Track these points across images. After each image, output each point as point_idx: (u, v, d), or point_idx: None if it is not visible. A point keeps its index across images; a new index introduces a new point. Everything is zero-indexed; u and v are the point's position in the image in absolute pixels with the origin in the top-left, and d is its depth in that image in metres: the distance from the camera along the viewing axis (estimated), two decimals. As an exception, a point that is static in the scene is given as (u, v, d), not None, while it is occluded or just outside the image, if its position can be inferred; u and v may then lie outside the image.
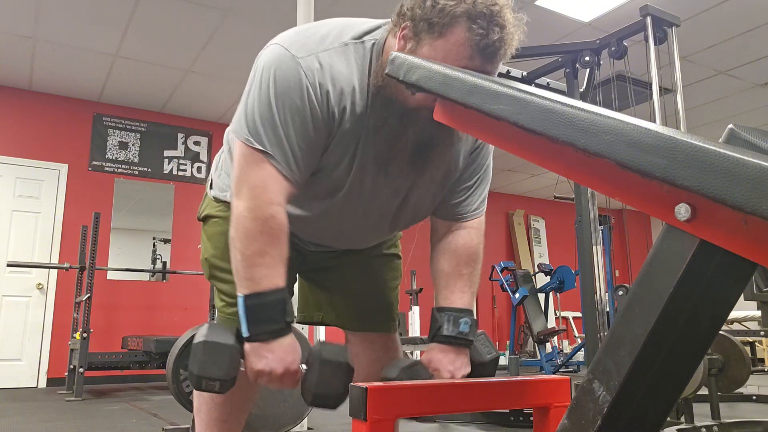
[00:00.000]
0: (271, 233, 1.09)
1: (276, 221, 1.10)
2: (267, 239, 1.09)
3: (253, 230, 1.08)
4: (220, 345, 1.05)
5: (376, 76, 1.13)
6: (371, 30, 1.17)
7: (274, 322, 1.08)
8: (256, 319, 1.07)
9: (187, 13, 4.45)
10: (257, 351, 1.07)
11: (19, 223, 5.59)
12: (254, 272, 1.08)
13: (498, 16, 1.06)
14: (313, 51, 1.11)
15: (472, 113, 0.84)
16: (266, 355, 1.07)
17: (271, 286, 1.08)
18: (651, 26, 3.19)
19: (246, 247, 1.09)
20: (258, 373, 1.08)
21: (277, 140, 1.09)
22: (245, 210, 1.09)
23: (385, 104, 1.13)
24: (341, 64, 1.12)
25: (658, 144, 0.59)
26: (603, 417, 0.68)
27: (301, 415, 2.50)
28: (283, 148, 1.09)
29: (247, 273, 1.09)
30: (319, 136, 1.13)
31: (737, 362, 2.97)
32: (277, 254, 1.10)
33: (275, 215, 1.09)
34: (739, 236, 0.56)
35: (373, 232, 1.38)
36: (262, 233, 1.08)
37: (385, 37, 1.16)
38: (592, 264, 3.30)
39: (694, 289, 0.64)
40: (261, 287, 1.08)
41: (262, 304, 1.08)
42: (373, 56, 1.15)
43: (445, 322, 1.22)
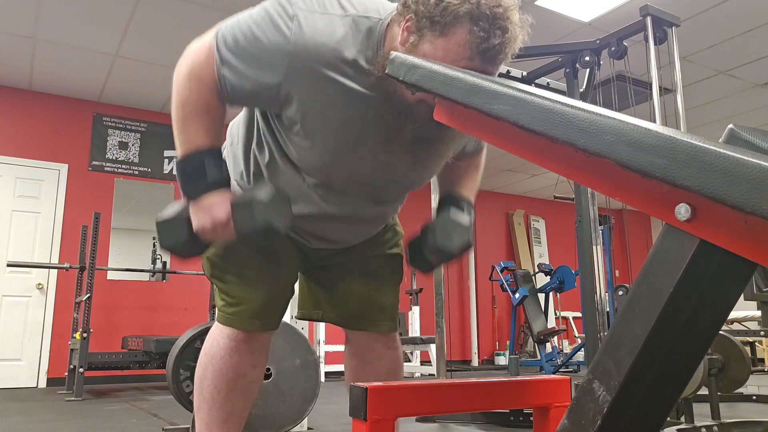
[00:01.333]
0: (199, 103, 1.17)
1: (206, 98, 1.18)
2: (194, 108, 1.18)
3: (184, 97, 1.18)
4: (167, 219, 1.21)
5: (377, 67, 1.12)
6: (377, 9, 1.17)
7: (196, 180, 1.18)
8: (184, 180, 1.20)
9: (187, 13, 4.45)
10: (192, 210, 1.19)
11: (19, 223, 5.59)
12: (181, 138, 1.19)
13: (501, 18, 1.05)
14: (312, 9, 1.12)
15: (472, 113, 0.84)
16: (198, 213, 1.18)
17: (193, 148, 1.18)
18: (651, 26, 3.19)
19: (177, 112, 1.19)
20: (197, 229, 1.19)
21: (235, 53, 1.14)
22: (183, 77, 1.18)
23: (384, 99, 1.13)
24: (332, 31, 1.11)
25: (658, 144, 0.59)
26: (603, 417, 0.68)
27: (301, 415, 2.50)
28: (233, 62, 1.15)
29: (177, 138, 1.20)
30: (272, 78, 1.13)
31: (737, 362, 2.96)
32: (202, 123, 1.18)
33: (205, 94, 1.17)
34: (739, 236, 0.56)
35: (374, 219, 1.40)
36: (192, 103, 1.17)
37: (388, 22, 1.15)
38: (592, 264, 3.30)
39: (694, 289, 0.64)
40: (184, 150, 1.19)
41: (185, 168, 1.19)
42: (372, 37, 1.13)
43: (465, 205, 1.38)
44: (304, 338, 2.52)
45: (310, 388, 2.48)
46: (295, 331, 2.49)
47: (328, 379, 5.93)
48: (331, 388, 5.05)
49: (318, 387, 2.53)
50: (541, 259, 9.07)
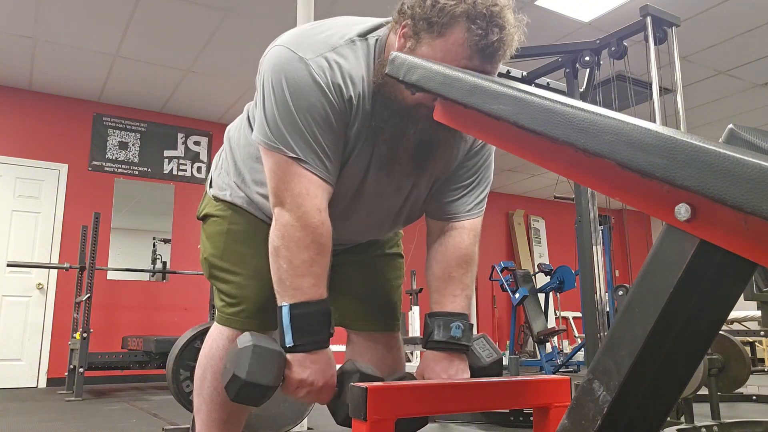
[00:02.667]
0: (320, 241, 1.09)
1: (325, 228, 1.10)
2: (316, 248, 1.09)
3: (303, 240, 1.08)
4: (270, 351, 1.03)
5: (376, 74, 1.13)
6: (375, 28, 1.18)
7: (319, 333, 1.08)
8: (303, 329, 1.07)
9: (187, 13, 4.45)
10: (301, 361, 1.06)
11: (19, 223, 5.59)
12: (302, 281, 1.08)
13: (498, 16, 1.06)
14: (320, 51, 1.11)
15: (472, 113, 0.84)
16: (309, 366, 1.07)
17: (318, 296, 1.09)
18: (651, 26, 3.19)
19: (295, 256, 1.08)
20: (300, 383, 1.06)
21: (306, 144, 1.09)
22: (293, 219, 1.09)
23: (385, 104, 1.14)
24: (350, 61, 1.12)
25: (658, 144, 0.59)
26: (603, 417, 0.68)
27: (301, 415, 2.50)
28: (314, 152, 1.09)
29: (294, 282, 1.08)
30: (340, 133, 1.13)
31: (737, 362, 2.96)
32: (324, 264, 1.10)
33: (324, 222, 1.10)
34: (739, 236, 0.56)
35: (376, 229, 1.38)
36: (313, 242, 1.09)
37: (386, 35, 1.16)
38: (592, 264, 3.30)
39: (694, 289, 0.64)
40: (308, 297, 1.08)
41: (308, 314, 1.07)
42: (376, 53, 1.15)
43: (436, 328, 1.19)
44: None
45: (310, 388, 2.48)
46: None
47: (328, 379, 5.92)
48: (331, 388, 5.04)
49: (318, 387, 2.52)
50: (541, 259, 9.07)
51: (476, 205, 1.31)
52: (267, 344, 1.04)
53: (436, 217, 1.31)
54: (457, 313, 1.22)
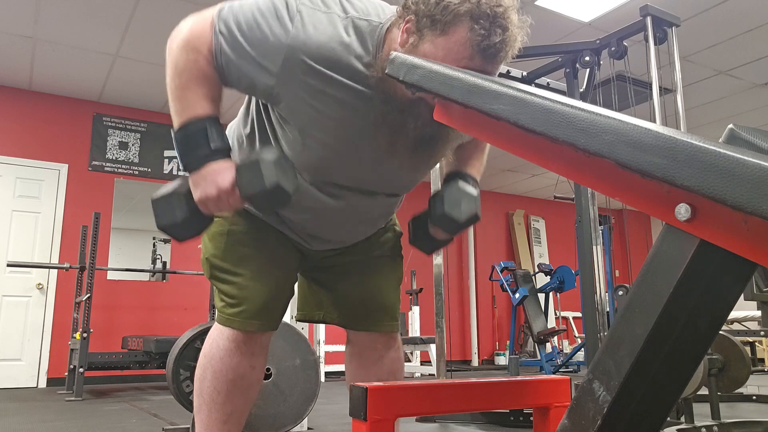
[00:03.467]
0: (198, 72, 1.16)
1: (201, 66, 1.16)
2: (191, 75, 1.16)
3: (180, 65, 1.17)
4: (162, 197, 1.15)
5: (377, 68, 1.12)
6: (378, 12, 1.17)
7: (198, 149, 1.13)
8: (183, 150, 1.15)
9: (187, 13, 4.43)
10: (194, 182, 1.15)
11: (19, 223, 5.59)
12: (179, 105, 1.16)
13: (501, 17, 1.06)
14: (317, 6, 1.13)
15: (472, 113, 0.84)
16: (200, 182, 1.14)
17: (192, 117, 1.15)
18: (651, 26, 3.19)
19: (173, 80, 1.18)
20: (199, 200, 1.14)
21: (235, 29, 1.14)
22: (178, 44, 1.18)
23: (385, 100, 1.13)
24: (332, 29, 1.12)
25: (658, 144, 0.59)
26: (603, 417, 0.68)
27: (301, 415, 2.50)
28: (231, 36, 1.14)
29: (174, 107, 1.17)
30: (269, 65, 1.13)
31: (737, 362, 2.96)
32: (201, 91, 1.16)
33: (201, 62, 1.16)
34: (739, 236, 0.56)
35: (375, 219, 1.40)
36: (190, 70, 1.16)
37: (387, 26, 1.15)
38: (592, 264, 3.30)
39: (694, 289, 0.64)
40: (182, 119, 1.15)
41: (185, 135, 1.15)
42: (372, 40, 1.14)
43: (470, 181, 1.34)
44: (304, 338, 2.52)
45: (310, 388, 2.48)
46: (295, 331, 2.49)
47: (328, 379, 5.93)
48: (331, 388, 5.05)
49: (318, 387, 2.53)
50: (541, 259, 9.07)
51: None
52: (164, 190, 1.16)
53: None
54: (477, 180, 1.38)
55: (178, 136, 1.16)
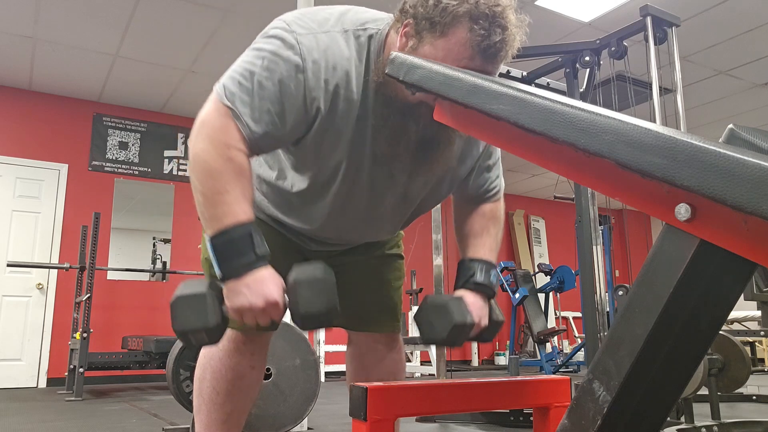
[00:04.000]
0: (233, 170, 1.07)
1: (238, 161, 1.08)
2: (228, 176, 1.07)
3: (213, 167, 1.07)
4: (192, 296, 1.03)
5: (376, 72, 1.13)
6: (374, 20, 1.18)
7: (242, 256, 1.05)
8: (225, 257, 1.06)
9: (187, 13, 4.45)
10: (233, 288, 1.05)
11: (19, 223, 5.59)
12: (217, 210, 1.06)
13: (500, 17, 1.06)
14: (313, 30, 1.12)
15: (472, 113, 0.84)
16: (243, 291, 1.04)
17: (234, 222, 1.06)
18: (651, 26, 3.19)
19: (206, 185, 1.07)
20: (239, 310, 1.05)
21: (249, 99, 1.09)
22: (205, 149, 1.08)
23: (385, 102, 1.13)
24: (338, 48, 1.12)
25: (658, 144, 0.59)
26: (603, 417, 0.68)
27: (301, 415, 2.50)
28: (251, 108, 1.09)
29: (210, 212, 1.07)
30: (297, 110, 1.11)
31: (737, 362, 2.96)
32: (239, 191, 1.08)
33: (235, 157, 1.08)
34: (739, 236, 0.56)
35: (378, 229, 1.38)
36: (224, 170, 1.07)
37: (386, 32, 1.15)
38: (592, 264, 3.30)
39: (694, 289, 0.64)
40: (223, 225, 1.06)
41: (228, 241, 1.06)
42: (372, 48, 1.14)
43: (478, 271, 1.29)
44: (304, 338, 2.52)
45: (310, 388, 2.48)
46: (295, 331, 2.49)
47: (328, 379, 5.93)
48: (331, 388, 5.05)
49: (318, 387, 2.53)
50: (541, 259, 9.07)
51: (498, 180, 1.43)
52: (191, 289, 1.04)
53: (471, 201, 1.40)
54: (493, 263, 1.33)
55: (218, 242, 1.06)
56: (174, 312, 1.02)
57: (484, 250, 1.34)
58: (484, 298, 1.26)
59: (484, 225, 1.37)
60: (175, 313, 1.02)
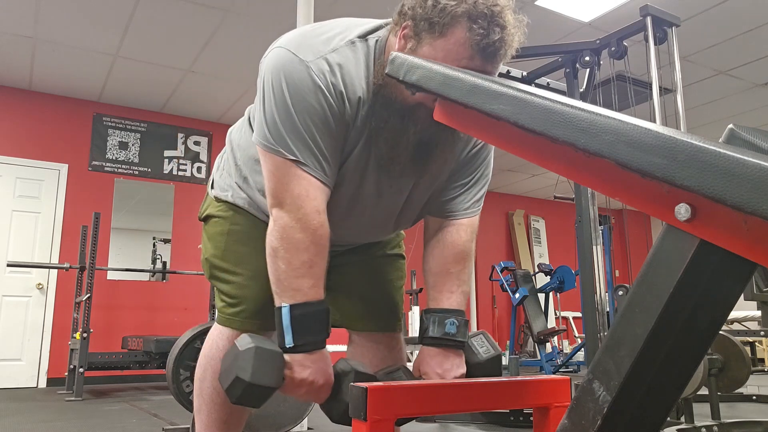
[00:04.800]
0: (319, 243, 1.10)
1: (324, 230, 1.11)
2: (315, 249, 1.09)
3: (302, 241, 1.09)
4: (271, 352, 1.03)
5: (376, 75, 1.13)
6: (375, 29, 1.18)
7: (318, 333, 1.09)
8: (302, 329, 1.07)
9: (187, 13, 4.45)
10: (300, 361, 1.07)
11: (19, 223, 5.59)
12: (302, 282, 1.08)
13: (499, 16, 1.06)
14: (321, 53, 1.11)
15: (472, 113, 0.84)
16: (309, 366, 1.07)
17: (317, 297, 1.09)
18: (651, 26, 3.19)
19: (294, 257, 1.08)
20: (301, 382, 1.07)
21: (305, 146, 1.09)
22: (292, 221, 1.09)
23: (385, 104, 1.14)
24: (350, 64, 1.12)
25: (658, 144, 0.59)
26: (603, 417, 0.68)
27: (301, 415, 2.50)
28: (313, 154, 1.10)
29: (293, 283, 1.09)
30: (339, 136, 1.13)
31: (737, 362, 2.96)
32: (323, 265, 1.11)
33: (323, 224, 1.11)
34: (739, 236, 0.56)
35: (376, 231, 1.38)
36: (312, 243, 1.09)
37: (386, 36, 1.16)
38: (592, 264, 3.30)
39: (694, 289, 0.64)
40: (308, 297, 1.08)
41: (308, 314, 1.08)
42: (376, 54, 1.15)
43: (431, 324, 1.22)
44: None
45: (310, 388, 2.48)
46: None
47: (328, 379, 5.92)
48: (331, 388, 5.04)
49: (318, 387, 2.52)
50: (541, 259, 9.07)
51: (474, 203, 1.32)
52: (268, 345, 1.04)
53: (434, 214, 1.32)
54: (453, 309, 1.24)
55: (299, 313, 1.07)
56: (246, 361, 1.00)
57: (441, 296, 1.26)
58: (444, 352, 1.20)
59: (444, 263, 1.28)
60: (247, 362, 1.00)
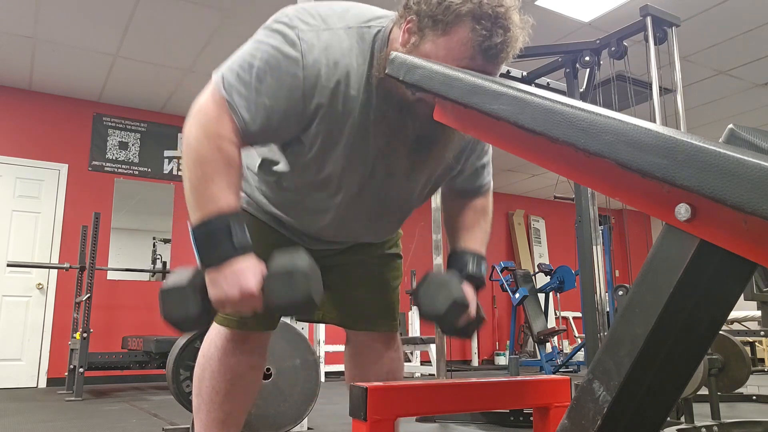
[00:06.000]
0: (222, 160, 1.08)
1: (228, 152, 1.09)
2: (216, 166, 1.08)
3: (203, 155, 1.08)
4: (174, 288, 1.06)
5: (378, 68, 1.12)
6: (377, 17, 1.17)
7: (221, 246, 1.06)
8: (205, 246, 1.07)
9: (187, 13, 4.45)
10: (212, 279, 1.06)
11: (19, 223, 5.59)
12: (201, 199, 1.07)
13: (503, 18, 1.06)
14: (315, 27, 1.11)
15: (472, 113, 0.84)
16: (220, 281, 1.05)
17: (217, 211, 1.06)
18: (651, 26, 3.19)
19: (194, 173, 1.08)
20: (217, 300, 1.06)
21: (246, 91, 1.10)
22: (197, 137, 1.09)
23: (385, 97, 1.13)
24: (340, 45, 1.11)
25: (658, 144, 0.59)
26: (603, 417, 0.68)
27: (301, 415, 2.50)
28: (247, 100, 1.10)
29: (194, 200, 1.08)
30: (294, 106, 1.11)
31: (737, 362, 2.96)
32: (225, 182, 1.08)
33: (226, 147, 1.09)
34: (739, 236, 0.56)
35: (378, 227, 1.38)
36: (213, 160, 1.08)
37: (390, 27, 1.15)
38: (592, 264, 3.30)
39: (694, 289, 0.64)
40: (207, 213, 1.06)
41: (208, 231, 1.06)
42: (376, 44, 1.14)
43: (470, 262, 1.32)
44: (304, 338, 2.52)
45: (310, 388, 2.48)
46: (295, 331, 2.49)
47: (328, 379, 5.92)
48: (331, 388, 5.05)
49: (318, 387, 2.53)
50: (541, 259, 9.07)
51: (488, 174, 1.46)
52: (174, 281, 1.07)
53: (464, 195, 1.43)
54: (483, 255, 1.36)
55: (199, 231, 1.07)
56: (160, 302, 1.06)
57: (475, 242, 1.37)
58: (474, 290, 1.29)
59: (475, 219, 1.40)
60: (161, 302, 1.06)
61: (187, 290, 1.06)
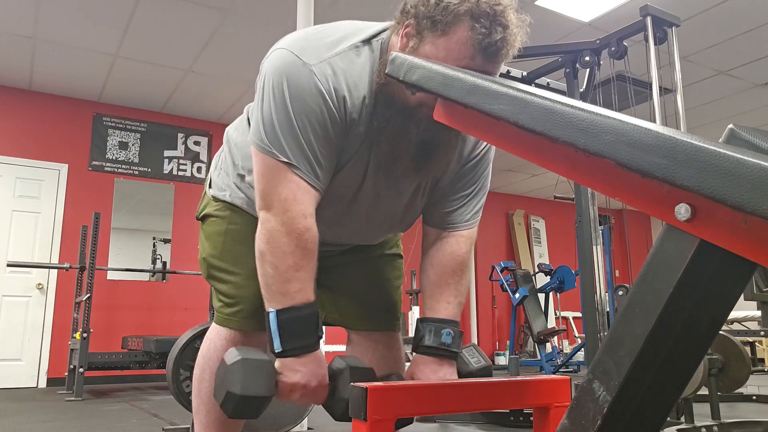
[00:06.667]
0: (305, 247, 1.09)
1: (310, 234, 1.10)
2: (301, 253, 1.09)
3: (288, 244, 1.08)
4: (259, 361, 1.04)
5: (378, 74, 1.13)
6: (379, 32, 1.18)
7: (307, 337, 1.08)
8: (291, 334, 1.07)
9: (187, 13, 4.45)
10: (291, 366, 1.07)
11: (19, 223, 5.59)
12: (288, 287, 1.08)
13: (501, 16, 1.06)
14: (325, 57, 1.10)
15: (472, 113, 0.84)
16: (300, 369, 1.07)
17: (305, 300, 1.09)
18: (651, 26, 3.19)
19: (280, 261, 1.08)
20: (293, 386, 1.08)
21: (300, 150, 1.09)
22: (278, 224, 1.09)
23: (387, 104, 1.13)
24: (354, 68, 1.12)
25: (658, 144, 0.59)
26: (603, 417, 0.68)
27: (301, 415, 2.50)
28: (306, 157, 1.09)
29: (280, 288, 1.09)
30: (336, 141, 1.13)
31: (737, 362, 2.96)
32: (310, 268, 1.10)
33: (309, 228, 1.10)
34: (739, 236, 0.56)
35: (375, 232, 1.38)
36: (298, 247, 1.09)
37: (389, 37, 1.16)
38: (592, 264, 3.30)
39: (694, 289, 0.64)
40: (295, 302, 1.08)
41: (296, 319, 1.08)
42: (379, 56, 1.15)
43: (427, 333, 1.23)
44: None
45: (310, 388, 2.48)
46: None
47: (328, 379, 5.92)
48: (331, 388, 5.04)
49: (318, 387, 2.52)
50: (541, 259, 9.07)
51: (474, 215, 1.33)
52: (255, 356, 1.05)
53: (434, 225, 1.32)
54: (449, 320, 1.25)
55: (286, 318, 1.07)
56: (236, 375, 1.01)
57: (438, 305, 1.27)
58: (438, 362, 1.21)
59: (442, 273, 1.28)
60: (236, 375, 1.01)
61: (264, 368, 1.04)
